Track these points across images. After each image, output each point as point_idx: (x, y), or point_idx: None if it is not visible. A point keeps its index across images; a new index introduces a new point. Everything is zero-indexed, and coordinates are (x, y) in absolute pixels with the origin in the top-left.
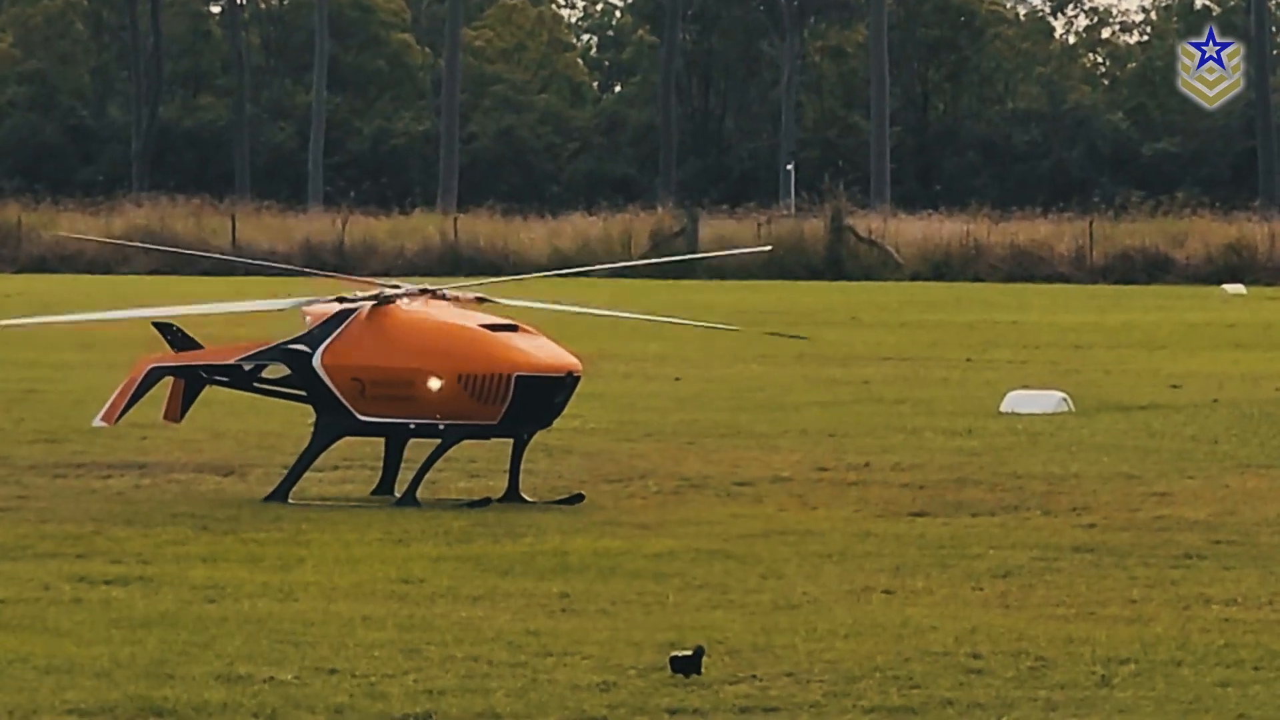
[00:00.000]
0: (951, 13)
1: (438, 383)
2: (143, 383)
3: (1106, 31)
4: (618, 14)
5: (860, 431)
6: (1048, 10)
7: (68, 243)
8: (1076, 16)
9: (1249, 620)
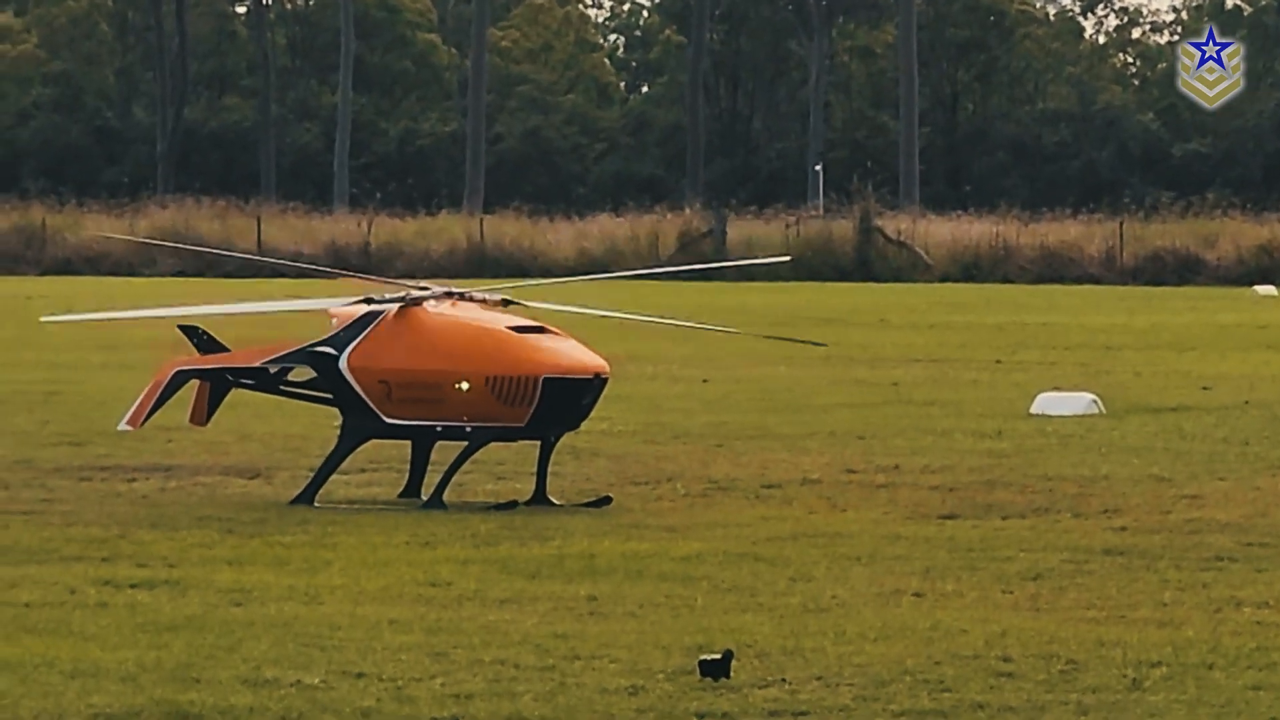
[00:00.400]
0: (981, 12)
1: (465, 385)
2: (168, 386)
3: (1137, 31)
4: (645, 14)
5: (889, 433)
6: (1078, 10)
7: (92, 244)
8: (1107, 16)
9: None
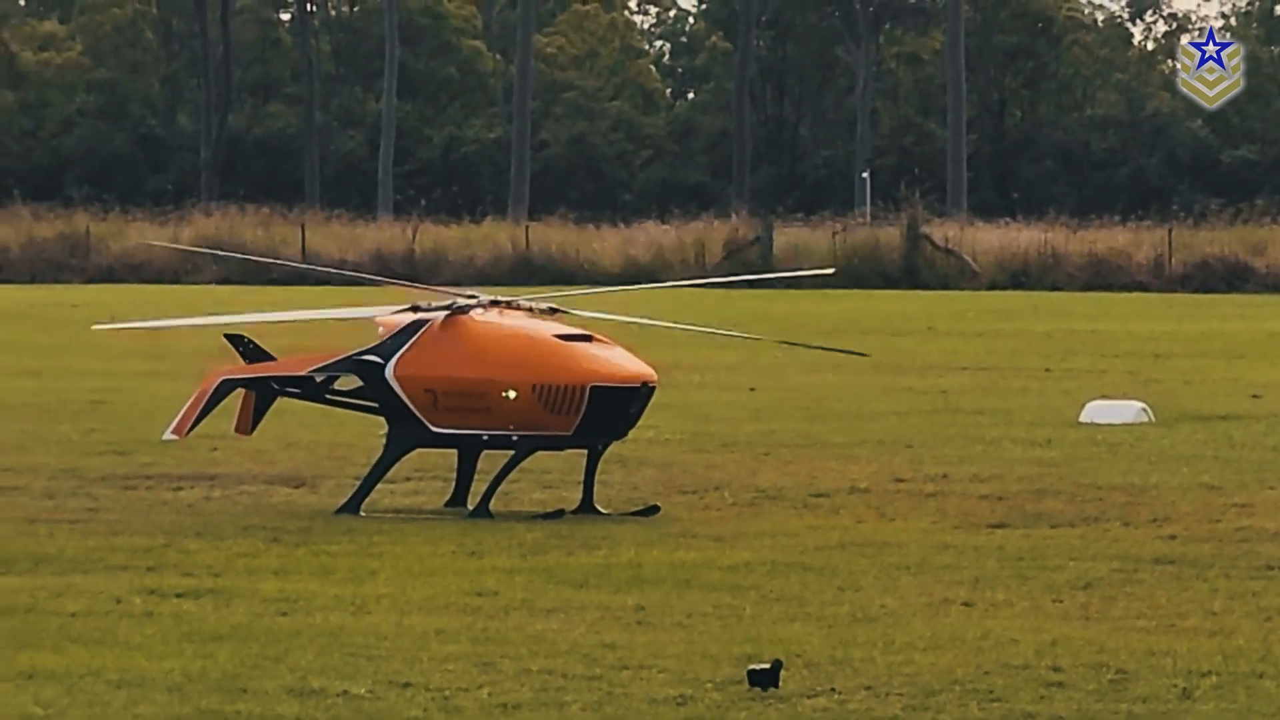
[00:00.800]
0: (1029, 19)
1: (512, 393)
2: (214, 395)
3: (1186, 38)
4: (691, 20)
5: (938, 442)
6: (1126, 16)
7: (136, 252)
8: (1155, 22)
9: None
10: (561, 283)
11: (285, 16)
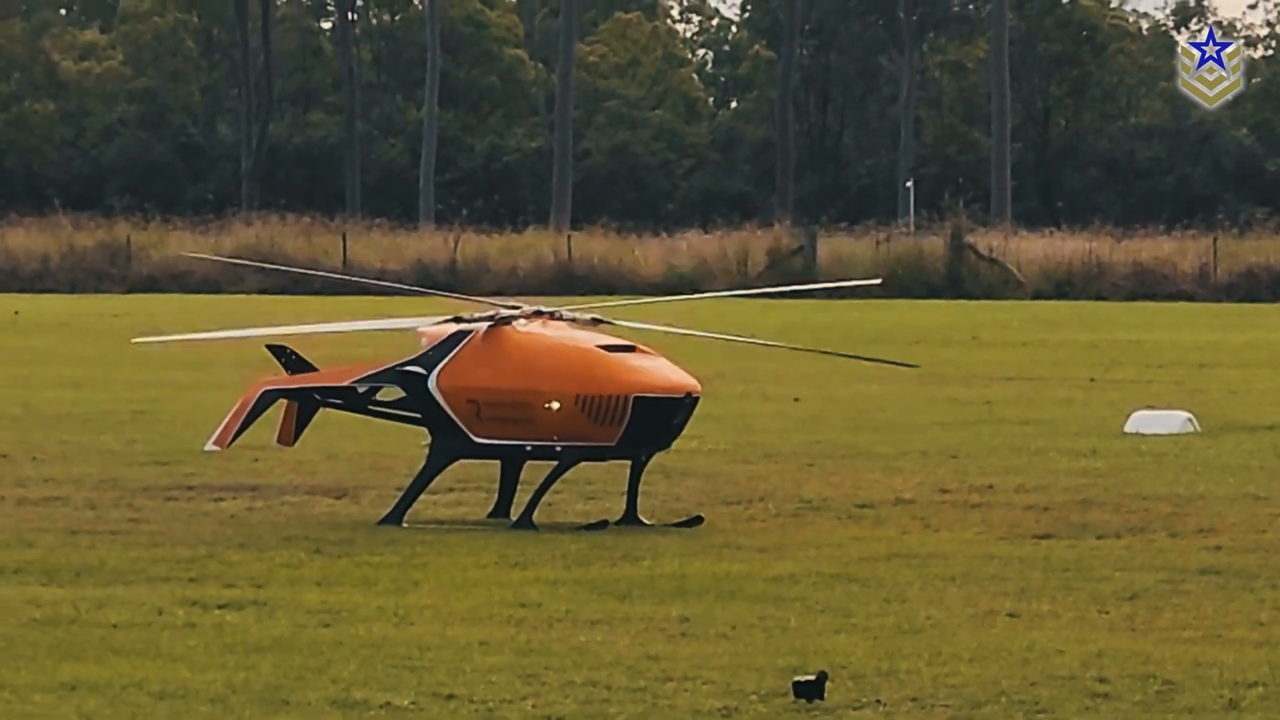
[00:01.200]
0: (1073, 27)
1: (556, 404)
2: (256, 406)
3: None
4: (734, 29)
5: (983, 453)
6: (1171, 24)
7: (177, 262)
8: (1200, 30)
9: None
10: (603, 292)
11: (326, 25)
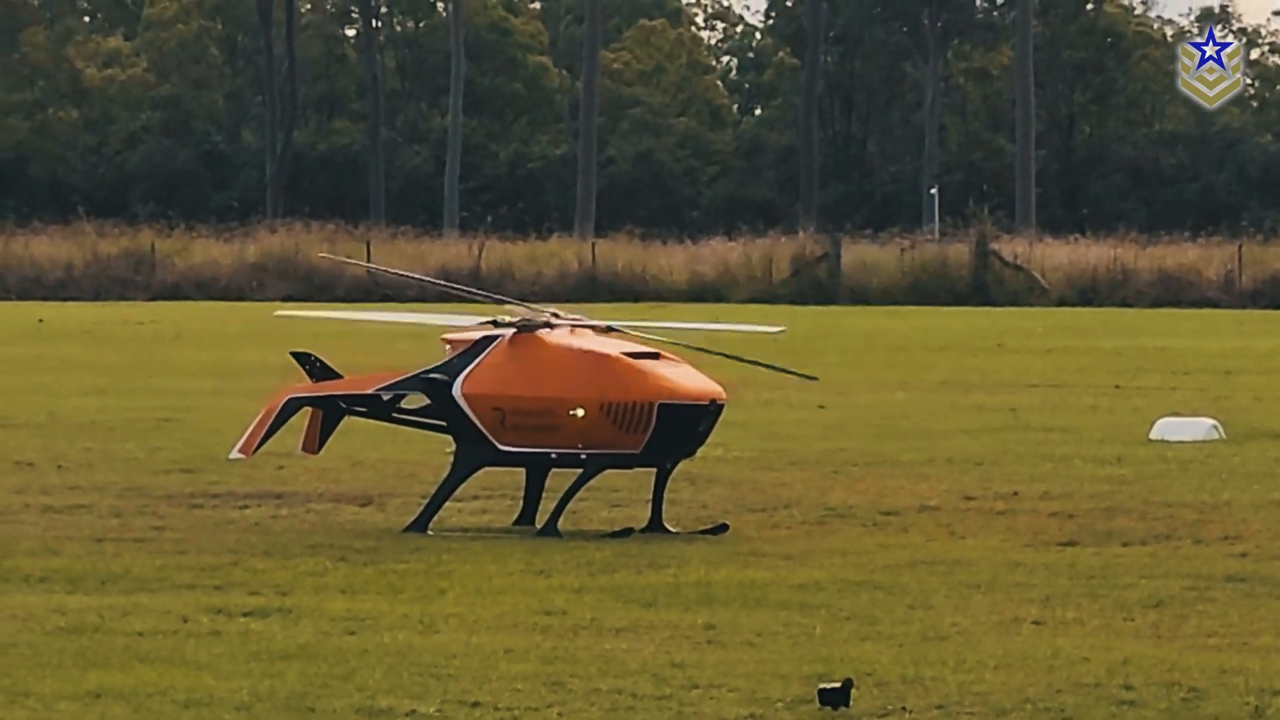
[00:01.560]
0: (1098, 34)
1: (580, 411)
2: (281, 413)
3: (1255, 53)
4: (758, 36)
5: (1008, 460)
6: (1195, 31)
7: (202, 269)
8: (1225, 38)
9: None
10: (628, 299)
11: (350, 32)
